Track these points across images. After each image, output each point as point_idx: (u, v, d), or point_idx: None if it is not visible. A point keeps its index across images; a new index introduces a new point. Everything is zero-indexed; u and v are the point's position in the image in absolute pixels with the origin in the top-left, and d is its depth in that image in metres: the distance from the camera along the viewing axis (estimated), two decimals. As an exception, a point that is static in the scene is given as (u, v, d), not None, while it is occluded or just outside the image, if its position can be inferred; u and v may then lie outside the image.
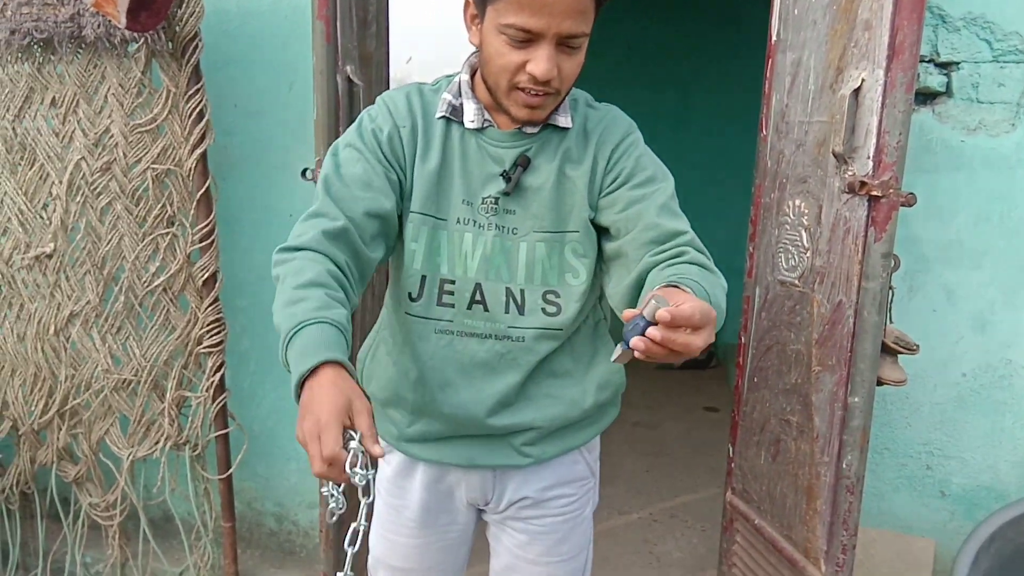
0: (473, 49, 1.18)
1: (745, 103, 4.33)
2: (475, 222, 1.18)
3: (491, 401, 1.22)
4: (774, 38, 1.76)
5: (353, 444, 0.86)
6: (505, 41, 1.05)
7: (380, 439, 1.35)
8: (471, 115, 1.17)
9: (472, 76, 1.19)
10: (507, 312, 1.20)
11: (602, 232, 1.19)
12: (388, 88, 2.14)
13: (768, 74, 1.78)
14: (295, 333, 0.94)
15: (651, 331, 0.84)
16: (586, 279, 1.20)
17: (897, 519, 2.07)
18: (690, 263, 1.05)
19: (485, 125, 1.17)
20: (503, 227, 1.18)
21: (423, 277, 1.20)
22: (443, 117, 1.18)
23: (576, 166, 1.17)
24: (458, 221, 1.18)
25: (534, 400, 1.24)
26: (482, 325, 1.20)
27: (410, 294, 1.21)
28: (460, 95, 1.18)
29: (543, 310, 1.20)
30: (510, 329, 1.20)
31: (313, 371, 0.89)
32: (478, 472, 1.29)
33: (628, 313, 0.89)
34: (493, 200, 1.17)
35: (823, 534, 1.66)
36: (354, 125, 1.19)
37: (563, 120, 1.17)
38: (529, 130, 1.17)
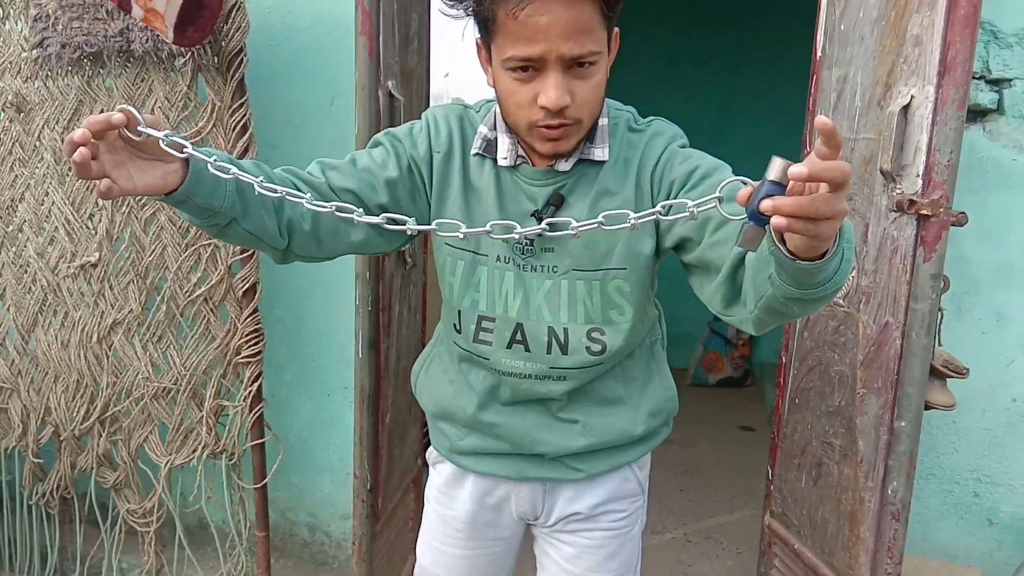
0: None
1: (786, 118, 4.29)
2: (514, 260, 1.15)
3: (537, 432, 1.23)
4: (819, 54, 1.73)
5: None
6: (511, 76, 1.01)
7: (433, 450, 1.36)
8: (504, 151, 1.13)
9: (505, 120, 1.14)
10: (549, 353, 1.17)
11: (679, 249, 1.11)
12: (428, 103, 2.16)
13: (812, 90, 1.75)
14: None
15: (772, 201, 0.69)
16: (632, 316, 1.16)
17: (943, 547, 2.01)
18: None
19: (519, 162, 1.13)
20: (542, 266, 1.15)
21: (459, 312, 1.20)
22: (477, 154, 1.15)
23: (613, 200, 1.11)
24: (498, 259, 1.16)
25: (584, 428, 1.23)
26: (522, 365, 1.19)
27: (454, 325, 1.23)
28: (495, 128, 1.15)
29: (587, 348, 1.17)
30: (551, 370, 1.18)
31: None
32: (528, 485, 1.28)
33: (744, 192, 0.75)
34: (529, 241, 1.14)
35: (866, 561, 1.62)
36: (389, 131, 1.19)
37: (599, 153, 1.11)
38: (563, 167, 1.11)
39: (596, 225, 0.92)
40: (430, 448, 1.40)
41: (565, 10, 0.95)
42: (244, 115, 1.92)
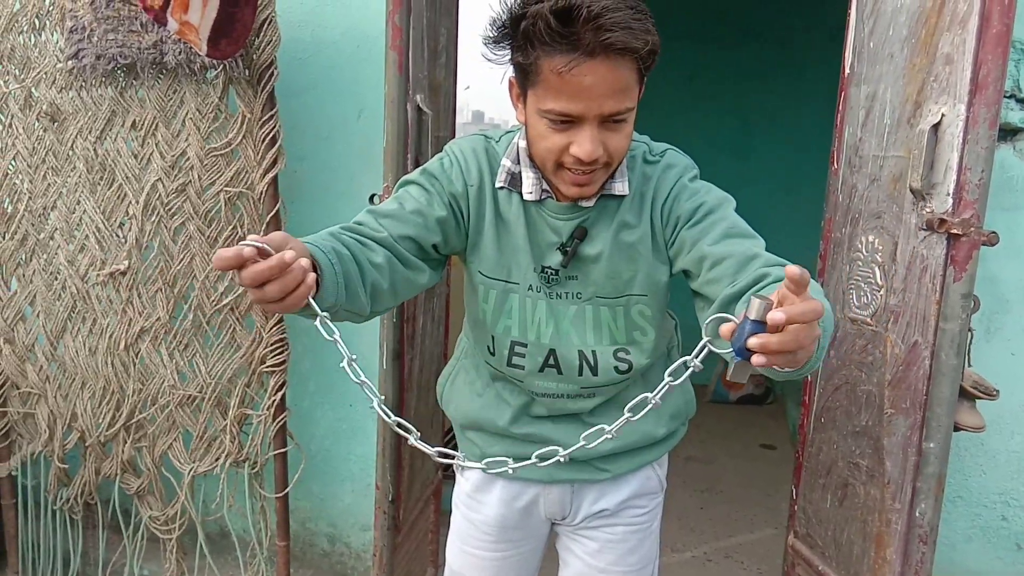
0: None
1: (808, 133, 4.28)
2: (544, 289, 1.20)
3: (567, 438, 1.26)
4: (847, 71, 1.73)
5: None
6: (547, 125, 1.04)
7: (461, 457, 1.40)
8: (529, 187, 1.16)
9: (531, 157, 1.18)
10: (580, 375, 1.23)
11: (685, 276, 1.17)
12: (454, 116, 2.17)
13: (840, 107, 1.75)
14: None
15: (758, 339, 0.75)
16: (654, 335, 1.23)
17: (969, 571, 1.98)
18: (777, 278, 0.97)
19: (543, 197, 1.17)
20: (567, 293, 1.20)
21: (493, 337, 1.25)
22: (503, 188, 1.18)
23: (632, 232, 1.16)
24: (530, 288, 1.20)
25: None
26: (554, 386, 1.25)
27: (488, 348, 1.27)
28: (519, 162, 1.18)
29: (615, 368, 1.23)
30: (583, 389, 1.25)
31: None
32: (557, 487, 1.33)
33: (727, 328, 0.81)
34: (554, 271, 1.19)
35: (893, 584, 1.59)
36: (423, 167, 1.22)
37: (619, 187, 1.16)
38: (586, 202, 1.16)
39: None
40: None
41: (608, 73, 0.98)
42: (274, 127, 1.94)
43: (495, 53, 1.08)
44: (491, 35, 1.07)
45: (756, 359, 0.76)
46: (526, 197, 1.17)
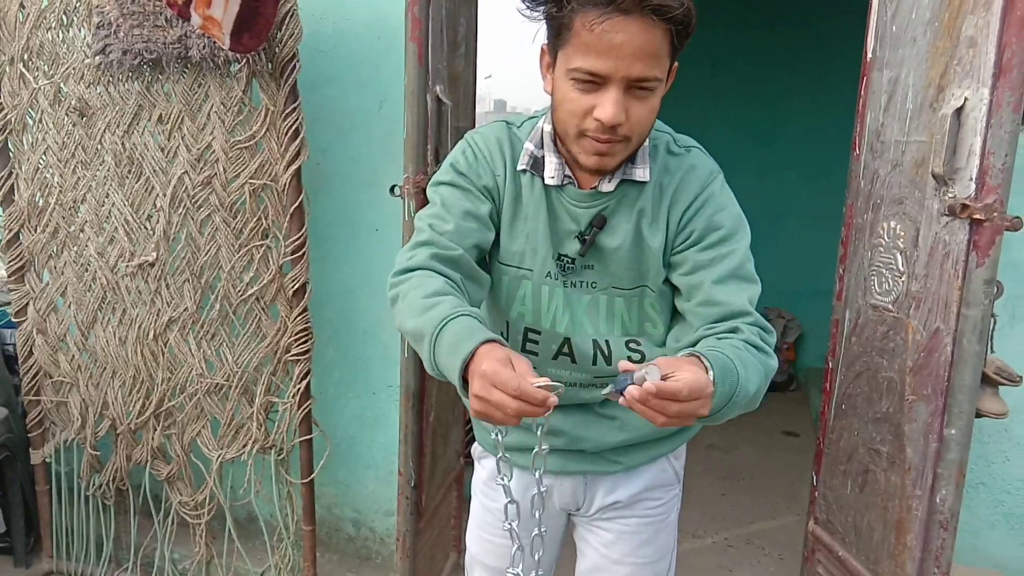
0: None
1: (834, 119, 4.22)
2: (560, 277, 1.20)
3: (579, 429, 1.27)
4: (869, 55, 1.71)
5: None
6: (573, 86, 1.03)
7: (477, 445, 1.41)
8: (551, 171, 1.16)
9: (555, 127, 1.17)
10: (595, 364, 1.23)
11: (671, 284, 1.20)
12: (474, 106, 2.19)
13: (862, 92, 1.73)
14: (440, 330, 0.96)
15: (631, 391, 0.86)
16: (663, 328, 1.24)
17: (992, 558, 1.97)
18: (739, 340, 1.04)
19: (565, 182, 1.16)
20: (582, 282, 1.20)
21: (506, 323, 1.25)
22: (525, 170, 1.18)
23: (651, 226, 1.16)
24: (548, 275, 1.20)
25: (623, 424, 1.28)
26: (568, 374, 1.25)
27: (502, 333, 1.27)
28: (542, 146, 1.17)
29: (629, 358, 1.22)
30: (596, 379, 1.25)
31: (473, 355, 0.92)
32: (570, 478, 1.34)
33: (624, 364, 0.92)
34: (570, 260, 1.19)
35: (913, 570, 1.59)
36: (449, 163, 1.21)
37: (640, 173, 1.14)
38: (606, 188, 1.14)
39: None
40: (474, 444, 1.45)
41: (640, 32, 0.97)
42: (296, 119, 1.97)
43: (531, 9, 1.07)
44: None
45: (623, 402, 0.89)
46: (548, 182, 1.16)
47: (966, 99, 1.43)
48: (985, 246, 1.42)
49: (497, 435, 1.03)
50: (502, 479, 1.05)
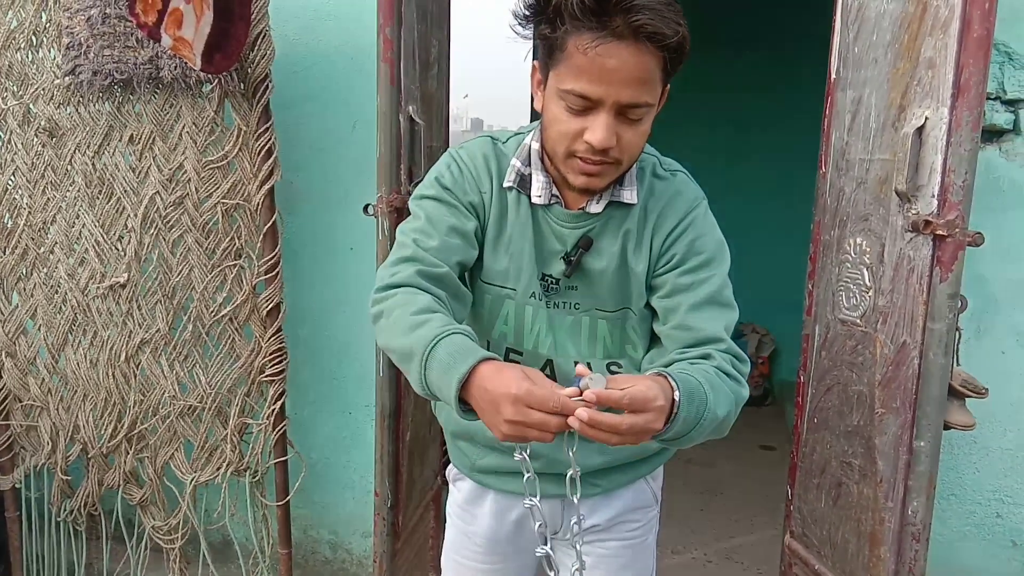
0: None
1: (802, 138, 4.29)
2: (543, 298, 1.19)
3: (558, 452, 1.24)
4: (833, 76, 1.75)
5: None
6: (564, 107, 1.03)
7: (453, 467, 1.39)
8: (538, 190, 1.15)
9: (544, 146, 1.16)
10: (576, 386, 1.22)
11: (649, 307, 1.20)
12: (447, 127, 2.20)
13: (827, 111, 1.77)
14: (432, 348, 0.94)
15: (578, 414, 0.85)
16: (643, 350, 1.23)
17: (965, 569, 1.99)
18: (711, 367, 1.04)
19: (552, 202, 1.16)
20: (565, 303, 1.19)
21: (488, 343, 1.24)
22: (511, 188, 1.17)
23: (636, 249, 1.16)
24: (532, 296, 1.19)
25: (602, 447, 1.25)
26: None
27: None
28: (529, 164, 1.17)
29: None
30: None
31: (472, 373, 0.91)
32: (547, 501, 1.30)
33: (579, 368, 0.91)
34: (554, 280, 1.18)
35: (887, 582, 1.61)
36: (433, 177, 1.19)
37: (628, 195, 1.14)
38: (593, 208, 1.14)
39: None
40: (450, 466, 1.43)
41: (633, 58, 0.97)
42: (269, 139, 1.97)
43: (523, 28, 1.06)
44: (522, 8, 1.05)
45: (577, 427, 0.87)
46: (534, 200, 1.15)
47: (927, 118, 1.46)
48: (948, 261, 1.45)
49: (522, 452, 1.02)
50: (529, 499, 1.02)
